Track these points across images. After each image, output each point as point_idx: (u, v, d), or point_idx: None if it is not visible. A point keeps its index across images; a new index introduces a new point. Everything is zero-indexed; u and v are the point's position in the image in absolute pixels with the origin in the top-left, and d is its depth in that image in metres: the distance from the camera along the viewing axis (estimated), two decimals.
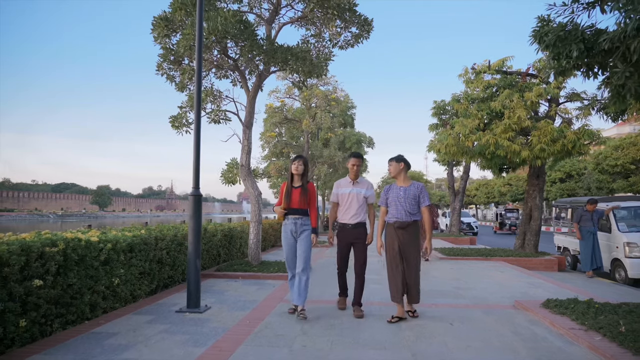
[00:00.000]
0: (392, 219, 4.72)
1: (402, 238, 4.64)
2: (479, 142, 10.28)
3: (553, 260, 10.29)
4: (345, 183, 5.12)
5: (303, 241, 4.79)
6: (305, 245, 4.78)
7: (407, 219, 4.63)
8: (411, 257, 4.64)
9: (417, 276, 4.67)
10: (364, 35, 8.39)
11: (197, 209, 5.24)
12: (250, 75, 8.76)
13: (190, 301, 5.08)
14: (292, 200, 4.77)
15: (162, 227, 6.83)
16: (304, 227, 4.82)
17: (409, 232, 4.65)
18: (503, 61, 11.54)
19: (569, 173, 34.77)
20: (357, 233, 4.97)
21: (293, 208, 4.77)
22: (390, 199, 4.79)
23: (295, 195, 4.79)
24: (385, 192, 4.88)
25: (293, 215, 4.79)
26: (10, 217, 77.55)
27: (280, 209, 4.81)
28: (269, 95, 15.95)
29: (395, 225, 4.66)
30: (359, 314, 4.85)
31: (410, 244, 4.64)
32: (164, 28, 7.04)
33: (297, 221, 4.80)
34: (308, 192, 4.84)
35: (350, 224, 4.95)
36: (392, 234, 4.70)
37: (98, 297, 4.63)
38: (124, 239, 5.13)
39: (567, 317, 4.59)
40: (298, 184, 4.87)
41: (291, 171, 4.87)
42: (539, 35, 5.38)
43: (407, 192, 4.71)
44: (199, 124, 5.39)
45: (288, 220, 4.82)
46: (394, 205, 4.72)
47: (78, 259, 4.26)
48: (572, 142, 9.24)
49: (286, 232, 4.84)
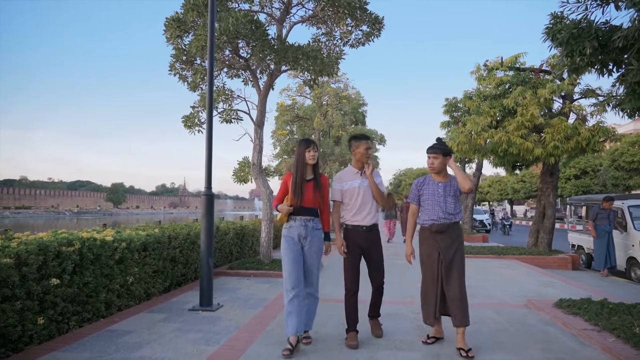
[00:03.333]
0: (427, 221, 3.87)
1: (442, 244, 3.79)
2: (492, 139, 10.19)
3: (567, 259, 10.18)
4: (350, 175, 4.04)
5: (314, 250, 3.81)
6: (317, 260, 3.85)
7: (448, 220, 3.82)
8: (455, 267, 3.76)
9: (462, 290, 3.74)
10: (374, 33, 8.36)
11: (210, 209, 5.30)
12: (262, 75, 8.81)
13: (203, 299, 5.15)
14: (304, 196, 3.77)
15: (176, 226, 6.92)
16: (315, 231, 3.83)
17: (451, 236, 3.81)
18: (516, 57, 11.41)
19: (584, 170, 34.28)
20: (373, 237, 4.00)
21: (305, 207, 3.78)
22: (424, 196, 3.93)
23: (309, 191, 3.79)
24: (417, 187, 4.02)
25: (303, 216, 3.80)
26: (27, 215, 79.00)
27: (286, 207, 3.74)
28: (280, 93, 16.01)
29: (433, 228, 3.82)
30: (378, 332, 4.11)
31: (453, 250, 3.79)
32: (176, 29, 7.11)
33: (309, 223, 3.80)
34: (322, 187, 3.89)
35: (365, 225, 3.93)
36: (429, 240, 3.85)
37: (113, 295, 4.72)
38: (138, 238, 5.22)
39: (580, 317, 4.55)
40: (311, 177, 3.88)
41: (303, 160, 3.83)
42: (552, 32, 5.32)
43: (448, 189, 3.85)
44: (211, 124, 5.44)
45: (295, 221, 3.79)
46: (430, 205, 3.87)
47: (94, 258, 4.35)
48: (587, 139, 9.11)
49: (291, 237, 3.78)
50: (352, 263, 3.93)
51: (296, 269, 3.72)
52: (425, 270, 3.89)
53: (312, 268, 3.83)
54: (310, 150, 3.85)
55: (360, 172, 4.02)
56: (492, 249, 11.82)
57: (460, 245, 3.84)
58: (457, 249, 3.80)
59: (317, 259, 3.85)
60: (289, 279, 3.70)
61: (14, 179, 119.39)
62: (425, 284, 3.89)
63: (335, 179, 4.12)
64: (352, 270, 3.92)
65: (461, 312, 3.68)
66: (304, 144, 3.88)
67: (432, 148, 3.90)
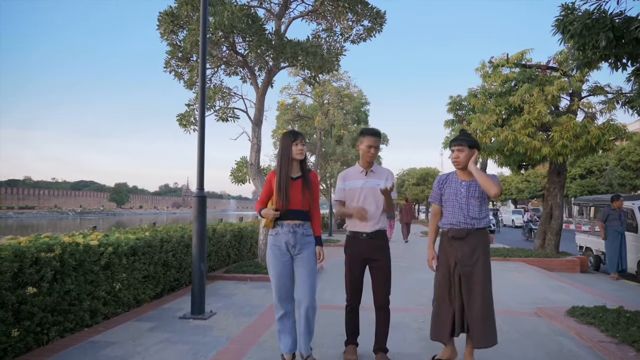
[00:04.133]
0: (446, 225, 3.38)
1: (459, 253, 3.26)
2: (497, 138, 9.89)
3: (575, 261, 9.87)
4: (354, 173, 3.59)
5: (306, 260, 3.28)
6: (311, 266, 3.30)
7: (469, 225, 3.29)
8: (476, 281, 3.19)
9: (485, 307, 3.14)
10: (376, 28, 8.09)
11: (202, 211, 5.04)
12: (260, 72, 8.55)
13: (195, 307, 4.88)
14: (291, 198, 3.24)
15: (169, 228, 6.66)
16: (306, 238, 3.31)
17: (471, 243, 3.26)
18: (522, 54, 11.08)
19: (589, 169, 33.84)
20: (376, 246, 3.44)
21: (293, 210, 3.26)
22: (445, 196, 3.42)
23: (296, 191, 3.27)
24: (438, 185, 3.50)
25: (291, 221, 3.27)
26: (31, 215, 79.18)
27: (271, 211, 3.23)
28: (281, 92, 15.73)
29: (450, 234, 3.33)
30: None
31: (473, 260, 3.22)
32: (170, 24, 6.85)
33: (297, 229, 3.27)
34: (312, 186, 3.36)
35: (366, 232, 3.43)
36: (447, 247, 3.35)
37: (98, 303, 4.46)
38: (127, 241, 4.96)
39: (596, 327, 4.26)
40: (298, 174, 3.34)
41: (289, 155, 3.29)
42: (562, 24, 5.04)
43: (472, 189, 3.32)
44: (203, 123, 5.18)
45: (282, 227, 3.27)
46: (450, 207, 3.37)
47: (76, 264, 4.09)
48: (596, 137, 8.80)
49: (278, 246, 3.28)
50: (353, 273, 3.45)
51: (285, 282, 3.27)
52: (440, 280, 3.36)
53: (305, 278, 3.27)
54: (297, 143, 3.30)
55: (365, 171, 3.53)
56: (498, 250, 11.52)
57: (484, 256, 3.26)
58: (479, 259, 3.22)
59: (310, 267, 3.31)
60: (277, 294, 3.27)
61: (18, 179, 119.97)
62: (438, 295, 3.36)
63: (340, 177, 3.67)
64: (352, 280, 3.46)
65: (481, 332, 3.13)
66: (290, 136, 3.33)
67: (456, 140, 3.39)
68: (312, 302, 3.26)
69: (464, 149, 3.34)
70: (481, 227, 3.31)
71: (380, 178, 3.51)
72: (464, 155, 3.34)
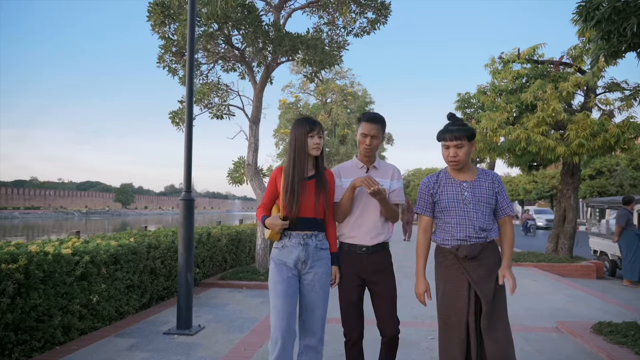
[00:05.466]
0: (449, 241, 2.56)
1: (474, 275, 2.49)
2: (508, 137, 9.40)
3: (590, 267, 9.37)
4: (352, 168, 2.81)
5: (320, 281, 2.59)
6: (324, 290, 2.61)
7: (481, 239, 2.53)
8: (497, 309, 2.50)
9: (508, 336, 2.48)
10: (380, 20, 7.64)
11: (189, 215, 4.60)
12: (259, 68, 8.13)
13: (181, 321, 4.44)
14: (303, 202, 2.55)
15: (159, 233, 6.24)
16: (320, 253, 2.60)
17: (487, 262, 2.54)
18: (534, 49, 10.58)
19: (599, 170, 33.16)
20: (378, 265, 2.69)
21: (305, 218, 2.57)
22: (443, 203, 2.59)
23: (309, 194, 2.56)
24: (428, 189, 2.66)
25: (302, 231, 2.57)
26: (37, 215, 79.27)
27: (278, 221, 2.53)
28: (283, 90, 15.34)
29: (460, 252, 2.51)
30: None
31: (492, 283, 2.51)
32: (160, 14, 6.43)
33: (310, 241, 2.58)
34: (329, 188, 2.65)
35: (365, 246, 2.66)
36: (454, 270, 2.54)
37: (73, 318, 4.03)
38: (106, 249, 4.53)
39: (629, 348, 3.78)
40: (312, 172, 2.64)
41: (304, 148, 2.58)
42: (585, 10, 4.57)
43: (477, 190, 2.56)
44: (190, 121, 4.75)
45: (290, 239, 2.57)
46: (454, 217, 2.55)
47: (44, 275, 3.66)
48: (615, 136, 8.28)
49: (284, 262, 2.57)
50: (348, 298, 2.65)
51: (288, 309, 2.49)
52: (448, 314, 2.50)
53: (314, 307, 2.56)
54: (314, 134, 2.57)
55: (366, 167, 2.77)
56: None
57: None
58: (498, 281, 2.52)
59: (323, 294, 2.58)
60: (277, 322, 2.48)
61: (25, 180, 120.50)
62: (448, 336, 2.50)
63: (334, 172, 2.82)
64: (348, 310, 2.65)
65: None
66: (305, 125, 2.58)
67: (450, 131, 2.52)
68: (318, 342, 2.57)
69: (464, 144, 2.51)
70: (492, 240, 2.58)
71: (385, 176, 2.76)
72: (464, 153, 2.52)
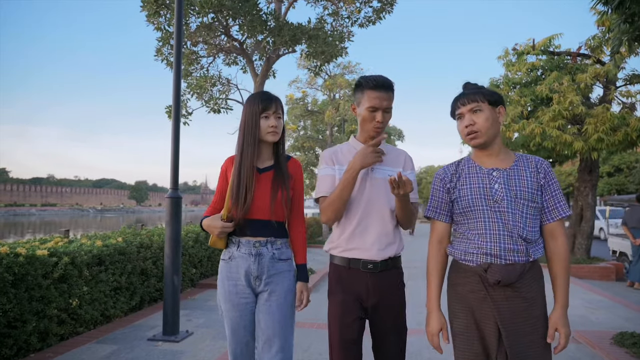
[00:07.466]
0: (473, 256, 1.70)
1: (506, 314, 1.64)
2: (522, 132, 8.95)
3: (610, 268, 8.87)
4: (349, 153, 2.01)
5: (277, 304, 1.98)
6: (284, 316, 1.98)
7: (522, 256, 1.64)
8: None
9: None
10: (386, 9, 7.29)
11: (175, 214, 4.31)
12: (261, 61, 7.85)
13: (167, 327, 4.17)
14: (254, 200, 1.97)
15: (153, 232, 5.99)
16: (278, 265, 2.02)
17: (529, 291, 1.66)
18: (549, 40, 10.09)
19: (617, 167, 32.20)
20: (388, 287, 1.93)
21: (256, 220, 1.99)
22: (463, 201, 1.75)
23: (264, 190, 2.00)
24: (442, 183, 1.85)
25: (253, 237, 2.00)
26: (52, 212, 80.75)
27: (218, 222, 1.96)
28: (289, 85, 15.04)
29: (490, 275, 1.64)
30: None
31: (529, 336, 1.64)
32: (154, 4, 6.16)
33: (264, 250, 1.99)
34: (291, 182, 2.08)
35: (372, 261, 1.89)
36: (478, 300, 1.69)
37: (50, 323, 3.78)
38: (88, 250, 4.28)
39: None
40: (269, 163, 2.07)
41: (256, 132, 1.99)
42: None
43: (513, 182, 1.70)
44: (178, 116, 4.43)
45: (239, 248, 2.00)
46: (479, 220, 1.70)
47: (14, 279, 3.42)
48: (637, 130, 7.79)
49: (231, 277, 2.01)
50: (345, 339, 1.87)
51: (242, 338, 1.99)
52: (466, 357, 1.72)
53: (273, 335, 1.94)
54: (269, 114, 1.98)
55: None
56: None
57: (544, 318, 1.67)
58: (539, 319, 1.65)
59: (281, 318, 1.97)
60: (232, 354, 2.01)
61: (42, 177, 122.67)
62: None
63: (325, 156, 2.04)
64: (342, 354, 1.87)
65: None
66: (257, 103, 1.98)
67: (463, 94, 1.78)
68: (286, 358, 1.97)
69: (482, 107, 1.71)
70: (536, 259, 1.70)
71: (396, 164, 2.00)
72: (484, 119, 1.71)
